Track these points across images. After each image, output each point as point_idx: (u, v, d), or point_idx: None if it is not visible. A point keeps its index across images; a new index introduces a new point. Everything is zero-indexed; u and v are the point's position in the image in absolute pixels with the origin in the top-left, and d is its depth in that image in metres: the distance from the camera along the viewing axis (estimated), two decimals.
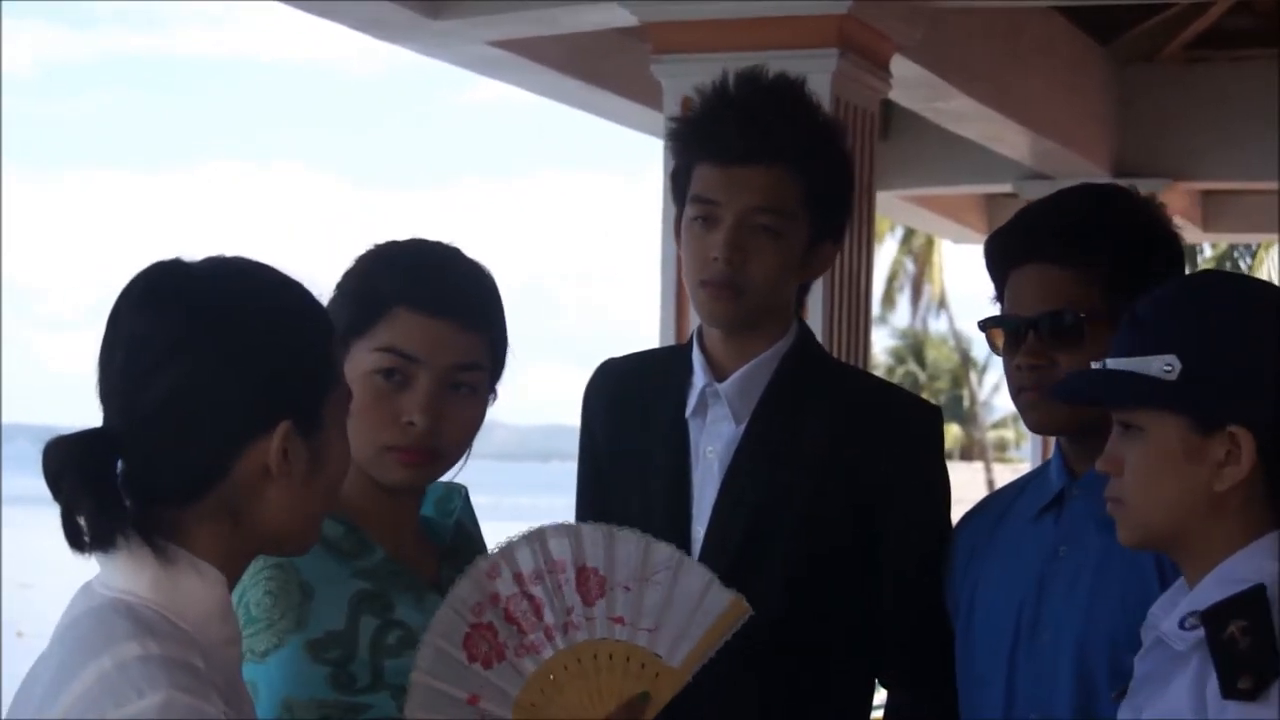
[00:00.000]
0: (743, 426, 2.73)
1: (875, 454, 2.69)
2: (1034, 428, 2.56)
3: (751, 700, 2.67)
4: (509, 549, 2.23)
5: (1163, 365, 1.96)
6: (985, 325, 2.60)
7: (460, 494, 2.42)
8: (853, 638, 2.74)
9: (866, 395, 2.79)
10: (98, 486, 1.73)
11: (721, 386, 2.74)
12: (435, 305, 2.24)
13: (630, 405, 2.84)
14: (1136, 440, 2.01)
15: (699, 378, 2.76)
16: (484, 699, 2.17)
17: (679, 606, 2.22)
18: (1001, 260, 2.58)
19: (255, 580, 2.15)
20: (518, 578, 2.21)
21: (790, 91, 2.75)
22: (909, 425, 2.74)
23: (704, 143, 2.72)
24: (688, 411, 2.76)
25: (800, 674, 2.70)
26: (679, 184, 2.77)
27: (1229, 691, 1.86)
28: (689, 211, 2.73)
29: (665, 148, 3.00)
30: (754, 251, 2.67)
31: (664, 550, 2.25)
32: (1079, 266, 2.48)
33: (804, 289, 2.81)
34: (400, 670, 2.17)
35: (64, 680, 1.68)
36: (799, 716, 2.71)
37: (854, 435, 2.69)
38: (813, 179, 2.70)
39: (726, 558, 2.65)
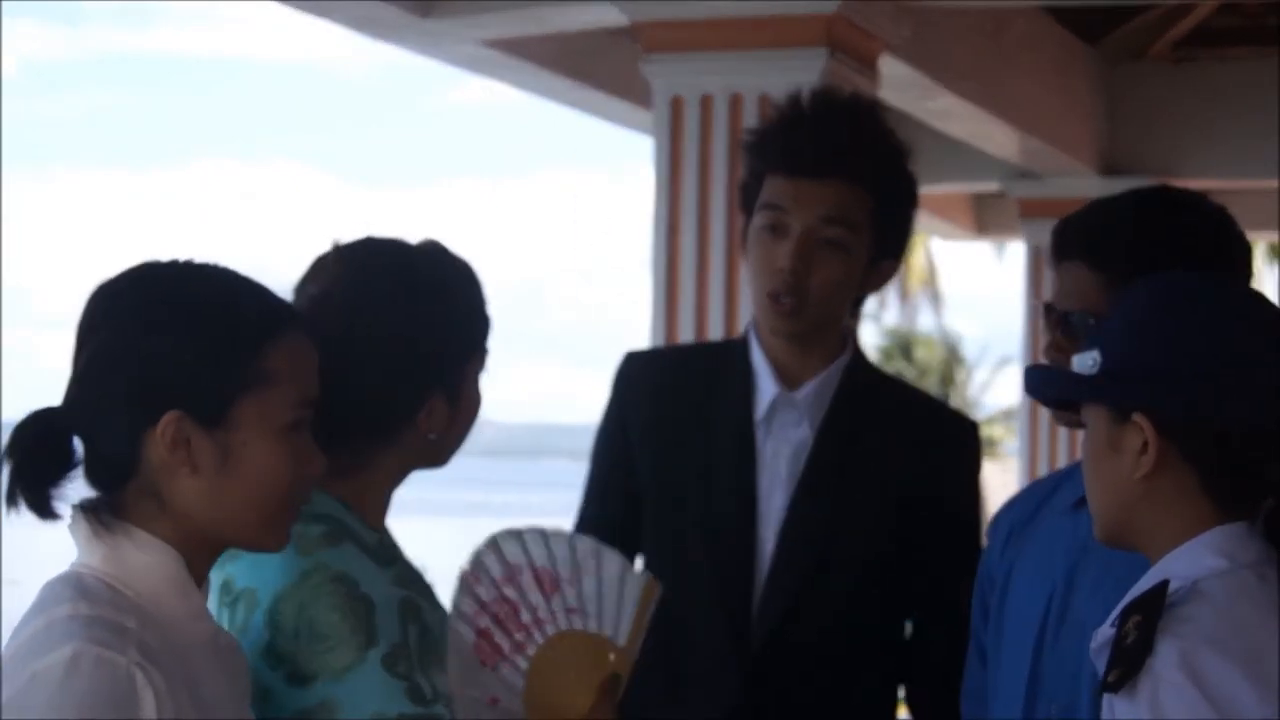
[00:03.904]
0: (813, 436, 2.80)
1: (928, 466, 2.82)
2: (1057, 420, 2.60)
3: (810, 685, 2.78)
4: (479, 556, 2.29)
5: (1088, 361, 2.02)
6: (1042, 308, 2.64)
7: None
8: (893, 636, 2.89)
9: (919, 409, 2.94)
10: (35, 459, 1.84)
11: (797, 396, 2.80)
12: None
13: (680, 397, 2.88)
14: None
15: (767, 385, 2.81)
16: (501, 698, 2.24)
17: (609, 592, 2.29)
18: (1052, 251, 2.61)
19: (315, 594, 2.10)
20: (494, 582, 2.27)
21: (863, 110, 2.83)
22: (959, 440, 2.90)
23: (776, 154, 2.78)
24: (757, 417, 2.81)
25: (861, 670, 2.83)
26: (749, 193, 2.82)
27: (1101, 685, 1.88)
28: (758, 220, 2.77)
29: (656, 148, 3.02)
30: (819, 264, 2.73)
31: (585, 541, 2.31)
32: (1099, 269, 2.48)
33: (858, 301, 2.87)
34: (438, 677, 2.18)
35: (8, 644, 1.79)
36: (855, 710, 2.84)
37: (909, 448, 2.82)
38: (880, 197, 2.77)
39: (801, 564, 2.77)
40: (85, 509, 1.86)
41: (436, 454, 2.26)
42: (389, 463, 2.22)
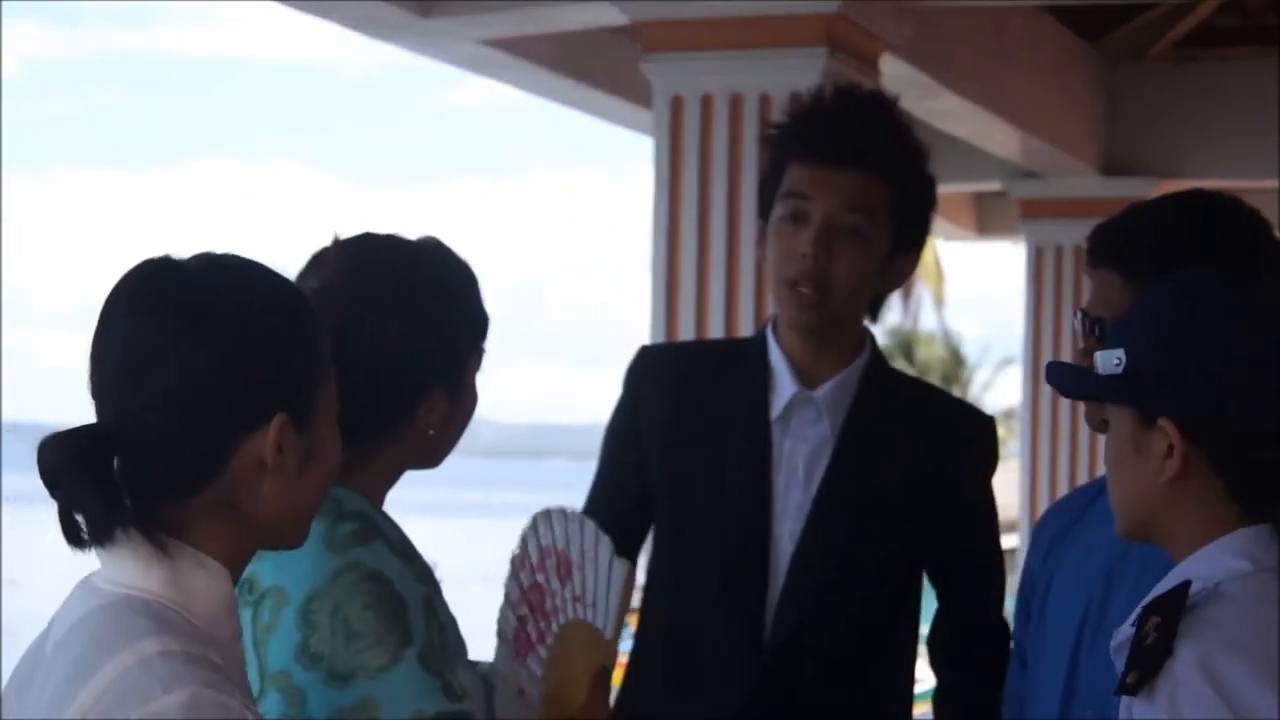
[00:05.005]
0: (835, 435, 2.79)
1: (937, 462, 2.82)
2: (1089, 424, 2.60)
3: (819, 686, 2.78)
4: (524, 538, 2.31)
5: (1113, 360, 2.00)
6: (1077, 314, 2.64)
7: None
8: (901, 638, 2.88)
9: (934, 407, 2.93)
10: (98, 483, 1.72)
11: (816, 395, 2.79)
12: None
13: (693, 394, 2.86)
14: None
15: (785, 383, 2.80)
16: (527, 689, 2.25)
17: (600, 579, 2.29)
18: (1087, 258, 2.60)
19: (349, 593, 2.08)
20: (532, 566, 2.29)
21: (884, 104, 2.84)
22: (970, 438, 2.88)
23: (797, 144, 2.78)
24: (773, 415, 2.80)
25: (869, 673, 2.83)
26: (768, 192, 2.82)
27: (1120, 686, 1.87)
28: (778, 210, 2.77)
29: (656, 148, 3.02)
30: (840, 252, 2.72)
31: (590, 524, 2.31)
32: (1129, 276, 2.48)
33: (878, 300, 2.87)
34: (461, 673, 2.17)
35: (80, 679, 1.67)
36: (860, 712, 2.83)
37: (924, 446, 2.82)
38: (900, 188, 2.77)
39: (820, 567, 2.76)
40: (143, 527, 1.74)
41: (433, 453, 2.26)
42: (388, 459, 2.21)
